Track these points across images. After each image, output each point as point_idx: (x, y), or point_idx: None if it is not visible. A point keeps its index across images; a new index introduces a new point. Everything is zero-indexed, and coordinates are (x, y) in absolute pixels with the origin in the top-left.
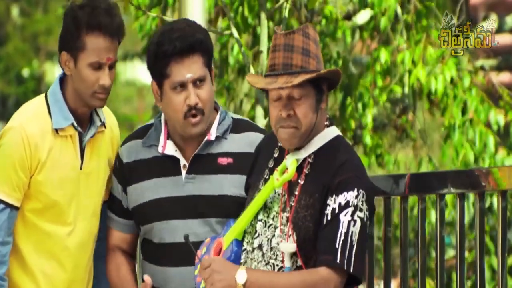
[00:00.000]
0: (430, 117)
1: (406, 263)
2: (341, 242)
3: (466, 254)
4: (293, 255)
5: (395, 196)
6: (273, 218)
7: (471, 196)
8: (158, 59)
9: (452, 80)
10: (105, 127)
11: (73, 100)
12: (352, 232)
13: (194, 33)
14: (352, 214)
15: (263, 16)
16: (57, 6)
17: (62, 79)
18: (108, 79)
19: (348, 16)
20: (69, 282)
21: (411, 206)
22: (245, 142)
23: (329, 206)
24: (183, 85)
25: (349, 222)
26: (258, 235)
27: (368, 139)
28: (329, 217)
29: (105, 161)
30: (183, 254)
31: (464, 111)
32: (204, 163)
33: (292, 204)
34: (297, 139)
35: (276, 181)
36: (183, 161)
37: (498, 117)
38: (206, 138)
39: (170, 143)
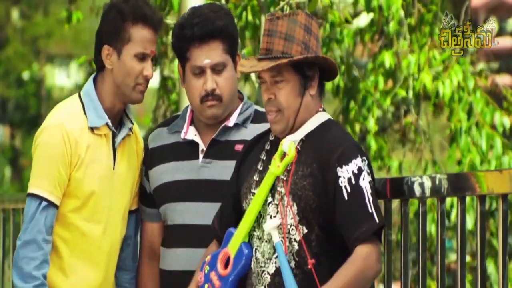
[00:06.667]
0: (431, 120)
1: (407, 267)
2: (371, 205)
3: (468, 258)
4: (298, 225)
5: (396, 199)
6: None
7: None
8: (179, 41)
9: (458, 84)
10: (131, 132)
11: (110, 97)
12: (372, 193)
13: (216, 19)
14: (367, 177)
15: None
16: (57, 9)
17: (95, 79)
18: (151, 71)
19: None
20: (101, 282)
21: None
22: None
23: (343, 177)
24: (201, 70)
25: (369, 183)
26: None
27: (373, 144)
28: (349, 189)
29: (133, 166)
30: (192, 236)
31: (469, 114)
32: (221, 149)
33: (288, 177)
34: (281, 123)
35: (278, 167)
36: (201, 146)
37: (503, 119)
38: (224, 124)
39: (192, 129)
